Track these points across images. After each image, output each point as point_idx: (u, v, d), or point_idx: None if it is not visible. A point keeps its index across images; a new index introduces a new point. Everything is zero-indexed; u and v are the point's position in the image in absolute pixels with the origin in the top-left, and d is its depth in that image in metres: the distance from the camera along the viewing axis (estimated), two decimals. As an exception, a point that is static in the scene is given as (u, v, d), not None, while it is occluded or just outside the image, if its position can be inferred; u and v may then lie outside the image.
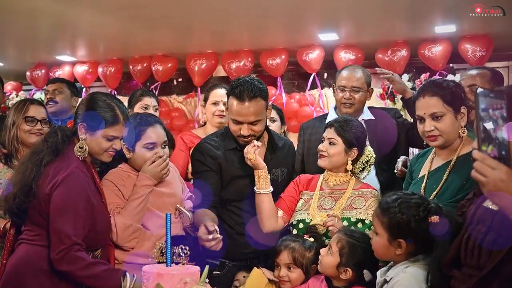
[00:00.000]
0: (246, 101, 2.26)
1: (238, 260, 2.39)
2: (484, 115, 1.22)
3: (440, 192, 2.01)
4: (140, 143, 2.24)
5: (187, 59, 5.44)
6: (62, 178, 1.94)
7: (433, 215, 1.68)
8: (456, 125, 2.04)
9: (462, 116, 2.04)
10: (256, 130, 2.32)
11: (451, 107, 2.02)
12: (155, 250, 1.76)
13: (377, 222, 1.78)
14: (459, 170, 2.00)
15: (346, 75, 2.87)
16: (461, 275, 1.55)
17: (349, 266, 1.94)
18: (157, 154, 2.25)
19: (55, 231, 1.90)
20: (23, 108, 2.68)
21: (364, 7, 4.02)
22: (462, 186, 1.96)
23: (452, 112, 2.02)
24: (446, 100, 2.02)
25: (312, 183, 2.35)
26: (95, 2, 3.87)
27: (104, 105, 2.06)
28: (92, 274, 1.88)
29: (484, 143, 1.23)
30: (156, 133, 2.27)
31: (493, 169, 1.22)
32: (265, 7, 3.99)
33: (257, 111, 2.28)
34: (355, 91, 2.82)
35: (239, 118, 2.30)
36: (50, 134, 2.09)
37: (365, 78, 2.87)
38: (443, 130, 2.02)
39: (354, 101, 2.82)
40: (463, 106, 2.04)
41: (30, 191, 1.96)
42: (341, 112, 2.87)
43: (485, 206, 1.54)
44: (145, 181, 2.21)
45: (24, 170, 2.00)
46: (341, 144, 2.22)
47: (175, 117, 5.63)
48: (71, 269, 1.89)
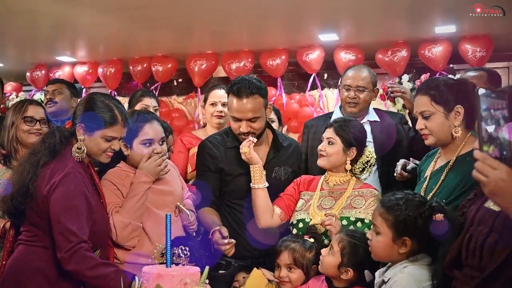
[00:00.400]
0: (244, 97, 2.31)
1: (243, 259, 2.41)
2: (486, 115, 1.22)
3: (437, 192, 2.01)
4: (137, 139, 2.25)
5: (187, 59, 5.44)
6: (59, 179, 1.93)
7: (437, 213, 1.69)
8: (446, 125, 2.00)
9: (457, 115, 1.99)
10: (255, 127, 2.35)
11: (441, 106, 2.00)
12: (155, 251, 1.76)
13: (381, 221, 1.78)
14: (456, 170, 1.99)
15: (351, 75, 2.87)
16: (462, 276, 1.55)
17: (350, 266, 1.94)
18: (154, 151, 2.25)
19: (60, 231, 1.89)
20: (21, 108, 2.68)
21: (364, 8, 4.02)
22: (456, 186, 1.95)
23: (442, 111, 2.00)
24: (435, 99, 2.00)
25: (313, 184, 2.37)
26: (95, 2, 3.87)
27: (103, 106, 2.06)
28: (101, 275, 1.86)
29: (486, 143, 1.23)
30: (153, 129, 2.27)
31: (494, 169, 1.21)
32: (265, 7, 3.99)
33: (255, 108, 2.32)
34: (360, 90, 2.83)
35: (238, 115, 2.34)
36: (48, 135, 2.08)
37: (371, 78, 2.88)
38: (432, 129, 2.02)
39: (359, 101, 2.82)
40: (459, 105, 1.99)
41: (27, 192, 1.96)
42: (346, 111, 2.87)
43: (486, 206, 1.54)
44: (142, 178, 2.21)
45: (22, 171, 2.00)
46: (340, 143, 2.24)
47: (175, 118, 5.62)
48: (79, 269, 1.87)
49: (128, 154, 2.28)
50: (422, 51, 4.89)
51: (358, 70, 2.89)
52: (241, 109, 2.32)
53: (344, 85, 2.87)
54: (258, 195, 2.30)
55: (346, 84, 2.86)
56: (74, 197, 1.93)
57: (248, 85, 2.31)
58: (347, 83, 2.85)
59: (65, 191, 1.92)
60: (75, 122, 2.08)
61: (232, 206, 2.47)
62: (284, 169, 2.50)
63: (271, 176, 2.45)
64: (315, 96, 5.46)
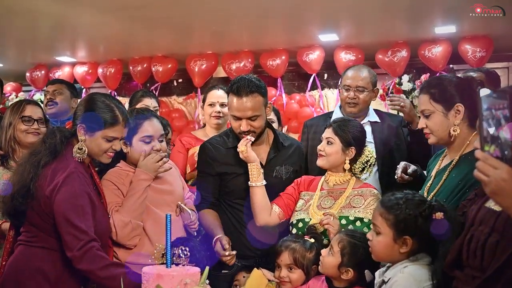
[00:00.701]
0: (244, 96, 2.33)
1: (246, 258, 2.41)
2: (487, 115, 1.22)
3: (438, 192, 2.00)
4: (137, 136, 2.25)
5: (187, 60, 5.44)
6: (62, 179, 1.93)
7: (437, 212, 1.69)
8: (446, 124, 1.98)
9: (457, 114, 1.96)
10: (255, 126, 2.37)
11: (440, 104, 1.98)
12: (155, 251, 1.75)
13: (381, 221, 1.78)
14: (458, 170, 1.98)
15: (351, 75, 2.87)
16: (464, 276, 1.54)
17: (351, 266, 1.94)
18: (154, 148, 2.25)
19: (68, 231, 1.88)
20: (19, 108, 2.67)
21: (364, 8, 4.02)
22: (456, 186, 1.94)
23: (441, 110, 1.98)
24: (434, 97, 1.98)
25: (313, 184, 2.37)
26: (95, 2, 3.87)
27: (104, 106, 2.05)
28: (112, 275, 1.84)
29: (487, 143, 1.24)
30: (152, 126, 2.28)
31: (495, 169, 1.21)
32: (265, 7, 3.99)
33: (255, 106, 2.34)
34: (360, 90, 2.82)
35: (238, 114, 2.35)
36: (48, 135, 2.08)
37: (371, 78, 2.87)
38: (431, 128, 2.00)
39: (358, 101, 2.82)
40: (459, 104, 1.96)
41: (28, 192, 1.95)
42: (346, 111, 2.87)
43: (487, 206, 1.54)
44: (140, 175, 2.21)
45: (22, 171, 1.99)
46: (338, 143, 2.24)
47: (175, 118, 5.62)
48: (92, 268, 1.86)
49: (128, 152, 2.28)
50: (422, 51, 4.90)
51: (357, 70, 2.89)
52: (241, 107, 2.33)
53: (344, 85, 2.86)
54: (256, 193, 2.32)
55: (345, 84, 2.85)
56: (79, 196, 1.93)
57: (247, 83, 2.33)
58: (347, 83, 2.84)
59: (70, 191, 1.92)
60: (76, 122, 2.07)
61: (234, 206, 2.48)
62: (285, 168, 2.51)
63: (272, 175, 2.46)
64: (315, 97, 5.47)
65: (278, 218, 2.32)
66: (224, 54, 5.37)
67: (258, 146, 2.45)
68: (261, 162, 2.44)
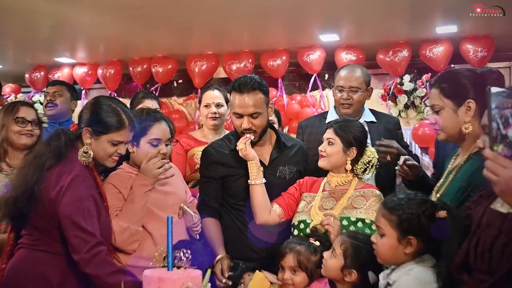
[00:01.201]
0: (245, 92, 2.34)
1: (251, 260, 2.40)
2: (496, 114, 1.21)
3: (444, 193, 1.95)
4: (145, 138, 2.24)
5: (188, 60, 5.43)
6: (68, 182, 1.91)
7: (440, 211, 1.68)
8: (456, 120, 1.88)
9: (468, 110, 1.86)
10: (256, 124, 2.37)
11: (451, 100, 1.89)
12: (156, 254, 1.74)
13: (384, 223, 1.76)
14: (463, 170, 1.92)
15: (344, 75, 2.83)
16: (472, 280, 1.52)
17: (354, 268, 1.92)
18: (160, 151, 2.25)
19: (75, 234, 1.87)
20: (13, 109, 2.64)
21: (364, 8, 4.01)
22: (460, 188, 1.89)
23: (451, 106, 1.89)
24: (444, 92, 1.90)
25: (315, 185, 2.36)
26: (95, 3, 3.86)
27: (110, 110, 2.04)
28: (119, 282, 1.82)
29: (496, 142, 1.22)
30: (161, 130, 2.28)
31: (504, 168, 1.20)
32: (266, 7, 3.99)
33: (256, 103, 2.35)
34: (354, 91, 2.78)
35: (239, 110, 2.36)
36: (53, 138, 2.06)
37: (364, 78, 2.82)
38: (441, 125, 1.93)
39: (352, 102, 2.78)
40: (471, 100, 1.85)
41: (33, 195, 1.93)
42: (340, 112, 2.84)
43: (492, 208, 1.51)
44: (141, 180, 2.19)
45: (26, 174, 1.98)
46: (339, 143, 2.24)
47: (175, 119, 5.61)
48: (100, 273, 1.85)
49: (133, 152, 2.26)
50: (423, 51, 4.89)
51: (350, 70, 2.84)
52: (243, 104, 2.34)
53: (337, 86, 2.82)
54: (256, 191, 2.33)
55: (338, 85, 2.81)
56: (84, 199, 1.92)
57: (249, 81, 2.36)
58: (340, 84, 2.81)
59: (76, 194, 1.91)
60: (81, 126, 2.06)
61: (237, 208, 2.47)
62: (289, 168, 2.51)
63: (276, 175, 2.46)
64: (316, 97, 5.47)
65: (278, 217, 2.32)
66: (225, 54, 5.37)
67: (261, 146, 2.46)
68: (264, 163, 2.44)
